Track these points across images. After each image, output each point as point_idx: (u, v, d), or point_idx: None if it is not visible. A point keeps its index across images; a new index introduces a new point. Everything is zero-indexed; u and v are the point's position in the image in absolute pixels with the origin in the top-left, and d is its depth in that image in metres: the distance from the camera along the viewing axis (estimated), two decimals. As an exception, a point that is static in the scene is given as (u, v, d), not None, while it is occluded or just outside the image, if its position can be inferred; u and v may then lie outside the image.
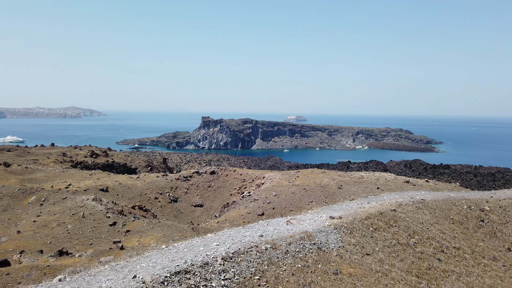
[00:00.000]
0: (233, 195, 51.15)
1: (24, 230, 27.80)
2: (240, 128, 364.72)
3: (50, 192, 38.00)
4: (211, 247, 13.27)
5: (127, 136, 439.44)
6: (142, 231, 27.79)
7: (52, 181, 47.92)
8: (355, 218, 19.07)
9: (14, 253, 22.82)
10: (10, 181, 45.25)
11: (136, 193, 47.17)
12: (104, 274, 10.66)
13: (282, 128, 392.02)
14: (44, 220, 29.85)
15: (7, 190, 37.31)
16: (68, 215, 30.66)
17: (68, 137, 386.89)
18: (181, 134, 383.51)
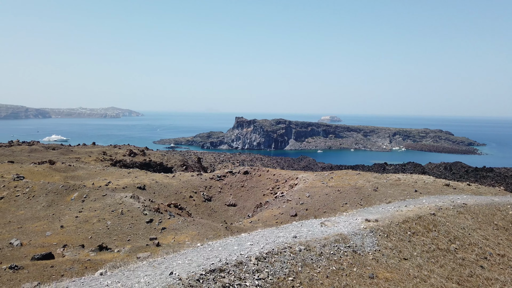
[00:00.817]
0: (266, 195, 51.22)
1: (67, 225, 29.15)
2: (273, 128, 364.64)
3: (91, 189, 39.64)
4: (245, 246, 13.35)
5: (163, 135, 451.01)
6: (177, 229, 28.38)
7: (93, 179, 50.00)
8: (392, 222, 18.56)
9: (57, 246, 23.97)
10: (55, 178, 47.65)
11: (172, 192, 48.26)
12: (142, 270, 11.00)
13: (316, 129, 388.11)
14: (86, 216, 31.17)
15: (51, 186, 39.30)
16: (108, 212, 31.84)
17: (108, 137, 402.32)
18: (215, 134, 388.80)
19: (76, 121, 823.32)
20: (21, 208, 34.80)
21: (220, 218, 45.83)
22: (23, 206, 35.37)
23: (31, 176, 46.43)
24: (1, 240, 25.53)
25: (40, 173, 49.07)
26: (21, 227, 29.42)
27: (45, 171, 50.82)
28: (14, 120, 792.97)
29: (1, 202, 35.92)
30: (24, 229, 28.66)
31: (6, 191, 38.24)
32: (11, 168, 48.98)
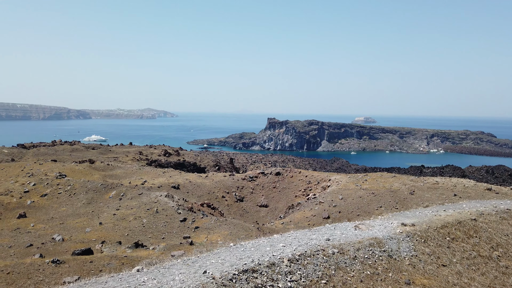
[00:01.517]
0: (298, 197, 50.89)
1: (105, 222, 30.26)
2: (305, 129, 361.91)
3: (128, 187, 40.95)
4: (277, 247, 13.32)
5: (196, 136, 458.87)
6: (210, 228, 28.75)
7: (130, 178, 51.61)
8: (429, 226, 17.90)
9: (96, 243, 24.92)
10: (94, 176, 49.59)
11: (205, 191, 48.97)
12: (177, 268, 11.23)
13: (349, 130, 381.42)
14: (123, 214, 32.22)
15: (91, 185, 40.95)
16: (144, 210, 32.77)
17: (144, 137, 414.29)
18: (247, 135, 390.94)
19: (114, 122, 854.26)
20: (63, 205, 36.49)
21: (252, 219, 45.99)
22: (65, 203, 37.08)
23: (72, 174, 48.58)
24: (45, 235, 26.87)
25: (80, 172, 51.25)
26: (62, 223, 30.84)
27: (85, 170, 53.02)
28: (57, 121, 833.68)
29: (45, 199, 37.83)
30: (65, 225, 30.02)
31: (49, 188, 40.23)
32: (54, 167, 51.46)
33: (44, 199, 37.77)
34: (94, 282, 10.58)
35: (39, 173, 45.70)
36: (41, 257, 19.44)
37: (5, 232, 28.31)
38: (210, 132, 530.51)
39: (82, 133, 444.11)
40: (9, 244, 24.49)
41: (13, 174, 46.16)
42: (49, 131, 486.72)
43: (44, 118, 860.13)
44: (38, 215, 33.72)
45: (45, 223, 31.00)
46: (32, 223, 30.88)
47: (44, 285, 14.03)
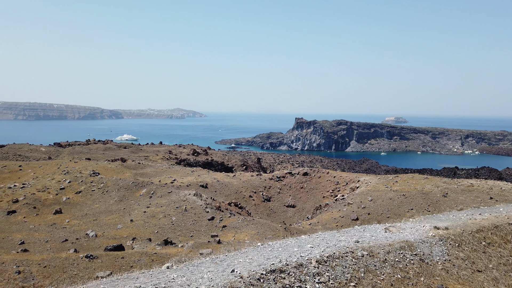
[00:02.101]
0: (325, 198, 50.34)
1: (136, 219, 31.04)
2: (334, 129, 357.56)
3: (158, 186, 41.82)
4: (305, 248, 13.21)
5: (224, 136, 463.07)
6: (237, 227, 28.91)
7: (160, 176, 52.71)
8: (464, 230, 17.25)
9: (127, 239, 25.62)
10: (126, 174, 50.98)
11: (232, 191, 49.30)
12: (206, 266, 11.35)
13: (379, 130, 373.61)
14: (153, 211, 32.95)
15: (123, 182, 42.11)
16: (173, 208, 33.37)
17: (174, 136, 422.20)
18: (274, 135, 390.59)
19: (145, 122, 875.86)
20: (96, 202, 37.73)
21: (279, 219, 45.90)
22: (98, 200, 38.32)
23: (105, 172, 50.14)
24: (79, 231, 27.88)
25: (113, 170, 52.81)
26: (96, 219, 31.89)
27: (118, 168, 54.59)
28: (91, 121, 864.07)
29: (79, 196, 39.25)
30: (98, 222, 31.03)
31: (83, 186, 41.70)
32: (88, 165, 53.29)
33: (78, 196, 39.19)
34: (126, 277, 10.86)
35: (74, 171, 47.44)
36: (76, 252, 20.18)
37: (42, 227, 29.59)
38: (238, 132, 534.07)
39: (114, 132, 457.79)
40: (46, 238, 25.57)
41: (50, 172, 48.15)
42: (84, 130, 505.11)
43: (79, 118, 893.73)
44: (73, 211, 35.02)
45: (79, 219, 32.15)
46: (67, 219, 32.11)
47: (78, 279, 14.54)
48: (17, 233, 27.43)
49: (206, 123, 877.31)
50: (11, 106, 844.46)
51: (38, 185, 41.21)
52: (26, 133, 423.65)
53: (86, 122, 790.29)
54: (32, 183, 42.39)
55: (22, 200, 36.26)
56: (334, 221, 34.61)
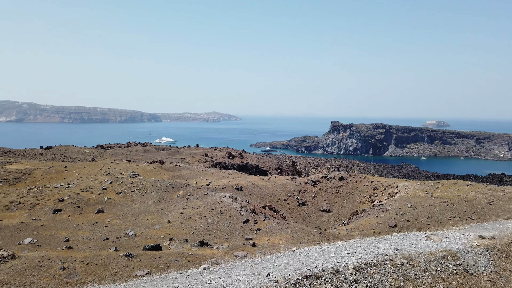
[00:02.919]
0: (362, 203, 49.18)
1: (173, 220, 31.75)
2: (371, 133, 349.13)
3: (194, 188, 42.59)
4: (342, 255, 12.94)
5: (259, 139, 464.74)
6: (272, 231, 28.85)
7: (196, 178, 53.67)
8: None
9: (165, 239, 26.23)
10: (164, 176, 52.33)
11: (267, 194, 49.32)
12: (241, 269, 11.40)
13: (419, 134, 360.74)
14: (189, 213, 33.57)
15: (161, 184, 43.25)
16: (208, 210, 33.85)
17: (210, 139, 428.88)
18: (310, 138, 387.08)
19: (182, 125, 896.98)
20: (136, 202, 38.97)
21: (314, 223, 45.36)
22: (137, 200, 39.57)
23: (144, 174, 51.72)
24: (119, 230, 28.89)
25: (151, 172, 54.39)
26: (135, 219, 32.93)
27: (156, 170, 56.16)
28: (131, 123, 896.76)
29: (120, 196, 40.70)
30: (137, 221, 32.02)
31: (124, 186, 43.22)
32: (129, 166, 55.18)
33: (119, 196, 40.65)
34: (164, 277, 11.11)
35: (115, 172, 49.28)
36: (116, 251, 20.90)
37: (85, 225, 30.94)
38: (273, 135, 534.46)
39: (153, 135, 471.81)
40: (89, 237, 26.70)
41: (93, 173, 50.30)
42: (124, 133, 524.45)
43: (121, 121, 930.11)
44: (114, 211, 36.36)
45: (119, 219, 33.33)
46: (108, 218, 33.38)
47: (118, 277, 15.03)
48: (62, 230, 28.85)
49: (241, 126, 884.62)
50: (58, 110, 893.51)
51: (82, 185, 43.16)
52: (72, 136, 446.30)
53: (127, 125, 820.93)
54: (77, 183, 44.47)
55: (67, 199, 38.11)
56: (371, 228, 33.74)
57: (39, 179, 50.67)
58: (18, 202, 37.47)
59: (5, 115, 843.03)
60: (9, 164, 58.76)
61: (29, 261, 15.31)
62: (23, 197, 39.01)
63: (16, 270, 14.22)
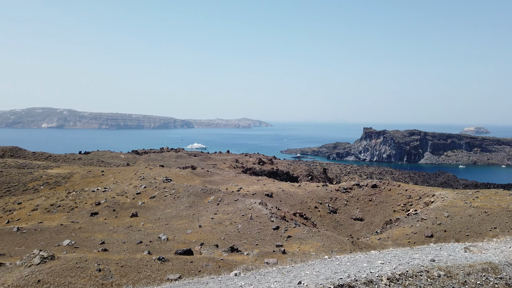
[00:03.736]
0: (396, 212, 47.78)
1: (204, 225, 32.10)
2: (405, 140, 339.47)
3: (225, 193, 42.93)
4: (375, 264, 12.59)
5: (290, 145, 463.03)
6: (302, 238, 28.54)
7: (227, 184, 54.10)
8: (560, 255, 15.23)
9: (196, 244, 26.54)
10: (195, 181, 53.12)
11: (297, 201, 48.93)
12: (272, 276, 11.33)
13: (457, 141, 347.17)
14: (220, 218, 33.84)
15: (193, 189, 43.92)
16: (239, 216, 33.98)
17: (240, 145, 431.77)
18: (341, 145, 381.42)
19: (213, 131, 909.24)
20: (168, 207, 39.76)
21: (345, 232, 44.50)
22: (170, 205, 40.36)
23: (176, 179, 52.73)
24: (152, 234, 29.52)
25: (183, 177, 55.37)
26: (167, 223, 33.57)
27: (188, 175, 57.12)
28: (164, 130, 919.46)
29: (153, 201, 41.66)
30: (170, 226, 32.62)
31: (157, 191, 44.23)
32: (162, 172, 56.47)
33: (152, 200, 41.62)
34: (196, 282, 11.23)
35: (149, 177, 50.56)
36: (149, 254, 21.36)
37: (120, 228, 31.85)
38: (303, 142, 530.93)
39: (185, 141, 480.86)
40: (123, 240, 27.45)
41: (128, 177, 51.84)
42: (158, 139, 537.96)
43: (154, 127, 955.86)
44: (147, 215, 37.25)
45: (152, 223, 34.09)
46: (142, 222, 34.23)
47: (151, 280, 15.34)
48: (98, 233, 29.85)
49: (272, 132, 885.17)
50: (96, 116, 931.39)
51: (118, 189, 44.54)
52: (108, 141, 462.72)
53: (160, 131, 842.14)
54: (112, 188, 45.95)
55: (104, 203, 39.44)
56: (406, 237, 32.69)
57: (77, 183, 52.82)
58: (58, 205, 39.18)
59: (47, 122, 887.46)
60: (50, 168, 61.66)
61: (67, 262, 15.90)
62: (62, 200, 40.76)
63: (55, 271, 14.81)
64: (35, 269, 14.80)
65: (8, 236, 28.29)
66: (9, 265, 16.24)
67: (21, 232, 29.12)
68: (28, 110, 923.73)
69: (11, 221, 35.65)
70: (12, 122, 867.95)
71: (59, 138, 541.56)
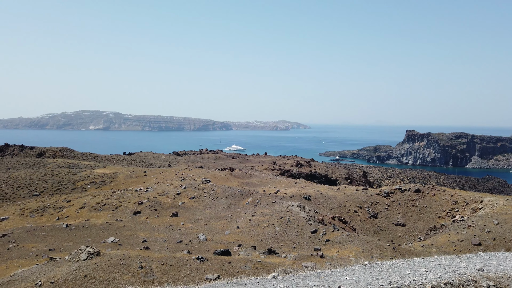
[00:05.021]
0: (441, 218, 45.69)
1: (242, 226, 32.34)
2: (451, 143, 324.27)
3: (263, 195, 43.03)
4: (419, 272, 12.12)
5: (328, 148, 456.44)
6: (341, 243, 28.01)
7: (264, 186, 54.21)
8: None
9: (234, 245, 26.78)
10: (233, 183, 53.68)
11: (336, 204, 48.09)
12: (311, 280, 11.22)
13: (508, 144, 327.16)
14: (257, 220, 33.96)
15: (231, 190, 44.41)
16: (276, 218, 33.93)
17: (278, 148, 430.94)
18: (382, 148, 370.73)
19: (251, 133, 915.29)
20: (207, 208, 40.45)
21: (386, 237, 43.17)
22: (209, 206, 41.05)
23: (215, 180, 53.56)
24: (191, 234, 30.16)
25: (222, 178, 56.13)
26: (206, 224, 34.16)
27: (226, 177, 57.84)
28: (204, 132, 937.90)
29: (193, 201, 42.55)
30: (208, 226, 33.17)
31: (196, 192, 45.14)
32: (201, 173, 57.58)
33: (192, 201, 42.53)
34: (235, 283, 11.34)
35: (189, 177, 51.73)
36: (189, 253, 21.83)
37: (161, 228, 32.81)
38: (342, 144, 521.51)
39: (223, 143, 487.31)
40: (164, 238, 28.25)
41: (169, 178, 53.32)
42: (197, 140, 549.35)
43: (194, 129, 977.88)
44: (187, 215, 38.10)
45: (192, 223, 34.82)
46: (182, 222, 35.06)
47: (190, 279, 15.66)
48: (141, 231, 30.91)
49: (310, 135, 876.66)
50: (139, 119, 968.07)
51: (159, 190, 45.92)
52: (151, 143, 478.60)
53: (200, 133, 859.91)
54: (154, 188, 47.43)
55: (146, 203, 40.81)
56: (452, 245, 31.20)
57: (121, 183, 55.04)
58: (104, 203, 41.01)
59: (94, 124, 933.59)
60: (96, 168, 64.69)
61: (112, 258, 16.59)
62: (107, 199, 42.62)
63: (100, 267, 15.51)
64: (82, 265, 15.57)
65: (58, 232, 29.99)
66: (58, 260, 17.22)
67: (70, 229, 30.77)
68: (77, 113, 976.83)
69: (61, 218, 37.78)
70: (62, 124, 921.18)
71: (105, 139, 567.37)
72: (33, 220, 37.51)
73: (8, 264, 22.13)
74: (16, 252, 24.74)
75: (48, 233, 29.42)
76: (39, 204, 42.79)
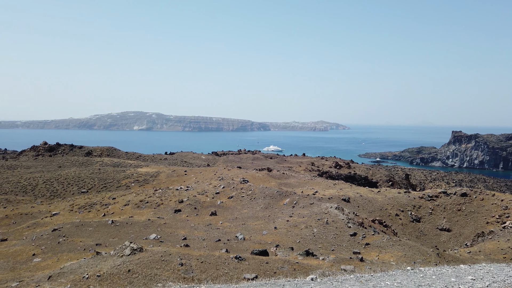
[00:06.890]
0: (490, 224, 43.25)
1: (279, 227, 32.32)
2: (502, 145, 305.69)
3: (301, 196, 42.77)
4: (465, 280, 11.58)
5: (368, 149, 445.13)
6: (382, 247, 27.26)
7: (302, 187, 53.85)
8: None
9: (271, 245, 26.83)
10: (271, 183, 53.77)
11: (376, 207, 46.87)
12: (350, 283, 11.03)
13: None
14: (295, 221, 33.80)
15: (268, 191, 44.52)
16: (314, 220, 33.60)
17: (316, 148, 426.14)
18: (426, 149, 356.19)
19: (289, 134, 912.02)
20: (245, 207, 40.80)
21: (430, 243, 41.50)
22: (247, 205, 41.38)
23: (253, 180, 53.91)
24: (230, 233, 30.55)
25: (260, 178, 56.39)
26: (244, 223, 34.47)
27: (264, 177, 58.04)
28: (242, 132, 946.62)
29: (231, 201, 43.08)
30: (246, 226, 33.45)
31: (235, 191, 45.65)
32: (239, 173, 58.18)
33: (230, 200, 43.08)
34: (272, 283, 11.39)
35: (227, 177, 52.43)
36: (227, 252, 22.14)
37: (201, 226, 33.50)
38: (383, 145, 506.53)
39: (261, 143, 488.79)
40: (203, 237, 28.83)
41: (208, 177, 54.33)
42: (235, 141, 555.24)
43: (233, 130, 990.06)
44: (225, 214, 38.65)
45: (230, 222, 35.27)
46: (220, 221, 35.60)
47: (228, 277, 15.89)
48: (181, 229, 31.74)
49: (349, 135, 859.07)
50: (180, 119, 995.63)
51: (199, 189, 46.92)
52: (191, 143, 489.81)
53: (238, 134, 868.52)
54: (194, 187, 48.53)
55: (186, 201, 41.84)
56: (501, 252, 29.48)
57: (163, 182, 56.77)
58: (146, 201, 42.50)
59: (138, 124, 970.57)
60: (140, 167, 67.17)
61: (153, 255, 17.18)
62: (150, 197, 44.13)
63: (143, 262, 16.11)
64: (126, 260, 16.25)
65: (104, 228, 31.44)
66: (104, 254, 18.06)
67: (115, 225, 32.16)
68: (122, 114, 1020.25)
69: (107, 215, 39.59)
70: (109, 124, 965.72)
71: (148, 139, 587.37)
72: (81, 215, 39.60)
73: (59, 257, 23.53)
74: (66, 245, 26.23)
75: (95, 229, 30.94)
76: (87, 200, 45.11)
